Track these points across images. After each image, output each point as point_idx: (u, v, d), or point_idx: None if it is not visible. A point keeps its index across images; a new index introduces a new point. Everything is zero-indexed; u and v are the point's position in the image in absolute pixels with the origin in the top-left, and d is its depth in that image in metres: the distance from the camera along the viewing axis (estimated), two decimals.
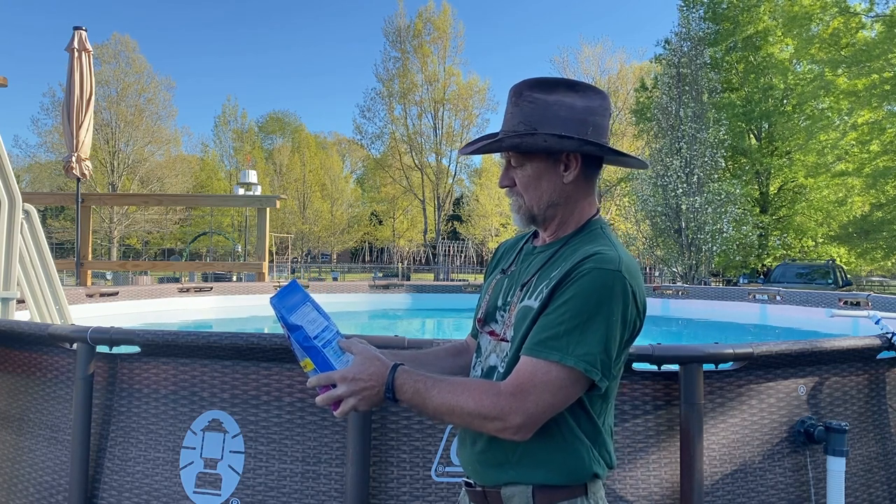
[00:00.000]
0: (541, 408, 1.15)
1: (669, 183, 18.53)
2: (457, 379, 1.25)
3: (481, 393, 1.17)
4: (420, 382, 1.19)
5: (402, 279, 31.86)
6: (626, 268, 1.19)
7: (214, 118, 59.09)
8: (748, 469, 2.40)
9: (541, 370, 1.15)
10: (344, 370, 1.20)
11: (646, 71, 36.11)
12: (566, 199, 1.32)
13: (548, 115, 1.28)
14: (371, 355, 1.22)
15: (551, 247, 1.33)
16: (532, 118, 1.28)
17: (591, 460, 1.23)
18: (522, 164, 1.31)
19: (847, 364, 2.62)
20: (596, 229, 1.32)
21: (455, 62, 42.51)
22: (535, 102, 1.29)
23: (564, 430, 1.22)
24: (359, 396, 1.19)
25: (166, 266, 20.13)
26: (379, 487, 2.31)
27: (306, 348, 1.22)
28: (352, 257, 58.10)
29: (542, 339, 1.17)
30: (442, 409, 1.18)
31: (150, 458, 2.44)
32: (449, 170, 44.25)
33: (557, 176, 1.31)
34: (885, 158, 20.73)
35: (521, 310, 1.26)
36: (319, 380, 1.21)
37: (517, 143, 1.28)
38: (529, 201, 1.32)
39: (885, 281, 32.03)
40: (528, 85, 1.31)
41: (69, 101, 8.50)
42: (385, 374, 1.19)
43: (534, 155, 1.30)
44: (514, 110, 1.31)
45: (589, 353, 1.14)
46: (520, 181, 1.32)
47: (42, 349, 2.71)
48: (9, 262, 4.18)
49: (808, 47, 22.04)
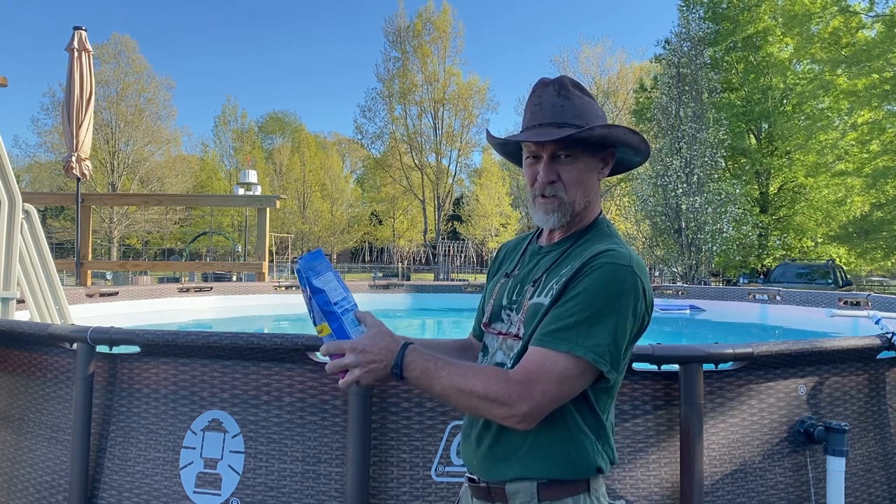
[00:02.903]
0: (547, 397, 1.16)
1: (669, 183, 18.53)
2: (467, 364, 1.25)
3: (490, 378, 1.17)
4: (430, 362, 1.19)
5: (402, 279, 31.85)
6: (636, 264, 1.21)
7: (214, 118, 59.11)
8: (748, 469, 2.40)
9: (549, 360, 1.16)
10: (355, 340, 1.20)
11: (646, 71, 36.11)
12: (596, 196, 1.35)
13: (593, 113, 1.32)
14: (384, 330, 1.23)
15: (561, 245, 1.34)
16: (584, 114, 1.30)
17: (595, 454, 1.24)
18: (577, 157, 1.30)
19: (847, 364, 2.62)
20: (603, 227, 1.34)
21: (455, 62, 42.53)
22: (582, 99, 1.32)
23: (570, 423, 1.23)
24: (365, 368, 1.18)
25: (166, 266, 20.13)
26: (379, 487, 2.31)
27: (326, 313, 1.23)
28: (352, 257, 58.09)
29: (551, 329, 1.18)
30: (450, 390, 1.18)
31: (150, 458, 2.44)
32: (449, 170, 44.25)
33: (597, 172, 1.34)
34: (885, 158, 20.72)
35: (532, 307, 1.27)
36: (330, 348, 1.22)
37: (606, 133, 1.28)
38: (574, 196, 1.31)
39: (885, 281, 32.01)
40: (570, 82, 1.33)
41: (69, 100, 8.50)
42: (395, 350, 1.19)
43: (587, 150, 1.31)
44: (566, 103, 1.30)
45: (598, 344, 1.16)
46: (568, 175, 1.30)
47: (42, 349, 2.71)
48: (9, 262, 4.18)
49: (808, 47, 22.04)
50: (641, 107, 28.51)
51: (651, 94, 26.06)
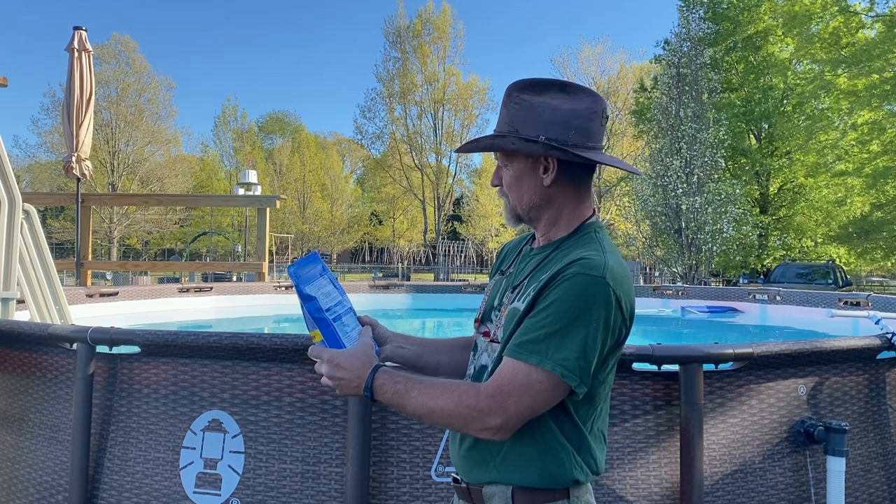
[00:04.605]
0: (520, 409, 1.15)
1: (669, 183, 18.53)
2: (438, 380, 1.25)
3: (461, 394, 1.18)
4: (400, 384, 1.20)
5: (402, 279, 31.86)
6: (611, 274, 1.17)
7: (214, 118, 59.13)
8: (748, 469, 2.40)
9: (521, 372, 1.15)
10: (334, 353, 1.24)
11: (646, 71, 36.09)
12: (548, 201, 1.32)
13: (530, 117, 1.27)
14: (363, 350, 1.26)
15: (545, 249, 1.33)
16: (516, 119, 1.29)
17: (571, 466, 1.22)
18: (507, 164, 1.34)
19: (847, 364, 2.62)
20: (589, 233, 1.31)
21: (455, 62, 42.57)
22: (521, 104, 1.29)
23: (546, 434, 1.22)
24: (334, 383, 1.25)
25: (166, 266, 20.12)
26: (379, 487, 2.31)
27: (317, 319, 1.25)
28: (352, 257, 58.10)
29: (523, 341, 1.18)
30: (421, 410, 1.20)
31: (150, 458, 2.44)
32: (449, 170, 44.27)
33: (537, 178, 1.31)
34: (885, 158, 20.72)
35: (510, 311, 1.27)
36: (312, 353, 1.28)
37: (490, 143, 1.31)
38: (513, 201, 1.35)
39: (885, 281, 32.03)
40: (519, 86, 1.31)
41: (69, 101, 8.50)
42: (366, 373, 1.22)
43: (515, 156, 1.31)
44: (503, 110, 1.32)
45: (566, 358, 1.14)
46: (505, 181, 1.35)
47: (42, 349, 2.71)
48: (9, 262, 4.18)
49: (808, 47, 22.03)
50: (641, 107, 28.50)
51: (651, 95, 26.05)
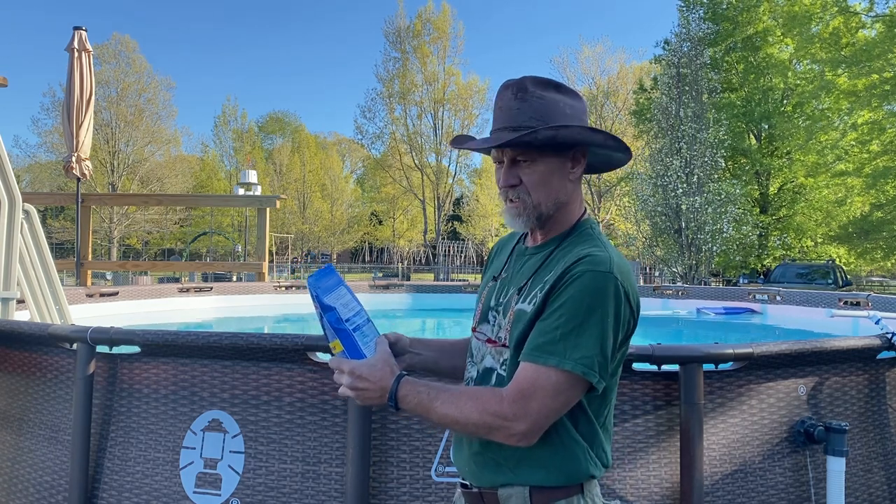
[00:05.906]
0: (545, 413, 1.16)
1: (669, 183, 18.52)
2: (460, 388, 1.26)
3: (484, 402, 1.17)
4: (423, 394, 1.20)
5: (402, 279, 31.85)
6: (617, 268, 1.19)
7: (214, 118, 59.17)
8: (748, 469, 2.40)
9: (542, 375, 1.16)
10: (356, 364, 1.23)
11: (646, 71, 36.09)
12: (570, 197, 1.32)
13: (557, 112, 1.26)
14: (383, 359, 1.24)
15: (544, 248, 1.32)
16: (544, 114, 1.26)
17: (587, 462, 1.23)
18: (534, 160, 1.27)
19: (847, 364, 2.62)
20: (586, 229, 1.31)
21: (455, 62, 42.54)
22: (544, 99, 1.27)
23: (561, 432, 1.22)
24: (356, 394, 1.24)
25: (166, 266, 20.12)
26: (379, 487, 2.31)
27: (337, 330, 1.24)
28: (352, 257, 58.09)
29: (539, 343, 1.18)
30: (446, 420, 1.20)
31: (150, 458, 2.44)
32: (449, 170, 44.25)
33: (566, 173, 1.30)
34: (885, 158, 20.71)
35: (517, 313, 1.26)
36: (332, 364, 1.27)
37: (552, 134, 1.24)
38: (538, 199, 1.28)
39: (885, 281, 32.03)
40: (531, 82, 1.29)
41: (69, 101, 8.50)
42: (389, 383, 1.22)
43: (545, 151, 1.27)
44: (522, 105, 1.27)
45: (585, 356, 1.15)
46: (529, 178, 1.28)
47: (42, 349, 2.71)
48: (9, 262, 4.18)
49: (808, 47, 22.01)
50: (641, 107, 28.49)
51: (651, 95, 26.05)
